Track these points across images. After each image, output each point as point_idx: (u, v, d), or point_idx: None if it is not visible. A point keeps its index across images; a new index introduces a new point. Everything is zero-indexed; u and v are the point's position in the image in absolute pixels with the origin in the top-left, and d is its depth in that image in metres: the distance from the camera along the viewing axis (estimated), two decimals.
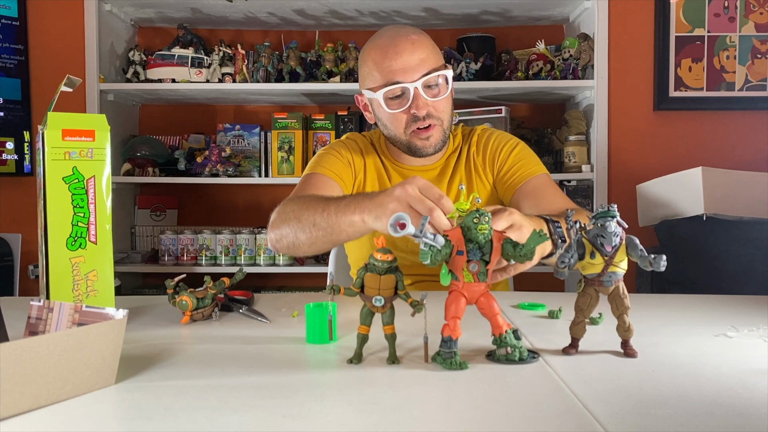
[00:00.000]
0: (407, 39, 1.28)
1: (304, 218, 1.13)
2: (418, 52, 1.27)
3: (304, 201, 1.17)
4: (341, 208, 1.05)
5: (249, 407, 0.63)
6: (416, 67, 1.26)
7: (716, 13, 2.53)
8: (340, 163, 1.39)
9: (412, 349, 0.82)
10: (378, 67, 1.29)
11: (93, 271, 0.91)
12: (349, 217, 1.03)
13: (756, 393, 0.66)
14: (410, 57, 1.26)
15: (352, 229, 1.04)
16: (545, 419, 0.60)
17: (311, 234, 1.12)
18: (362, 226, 1.01)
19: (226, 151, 2.61)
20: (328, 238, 1.10)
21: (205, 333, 0.95)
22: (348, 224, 1.04)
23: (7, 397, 0.60)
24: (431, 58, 1.29)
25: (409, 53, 1.27)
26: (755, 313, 1.04)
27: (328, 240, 1.11)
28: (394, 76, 1.26)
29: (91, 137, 0.90)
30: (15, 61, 2.60)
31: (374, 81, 1.30)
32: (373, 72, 1.30)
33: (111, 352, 0.68)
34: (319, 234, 1.11)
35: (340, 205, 1.07)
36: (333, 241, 1.12)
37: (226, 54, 2.57)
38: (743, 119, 2.56)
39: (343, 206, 1.05)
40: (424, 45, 1.30)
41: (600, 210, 0.78)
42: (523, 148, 1.41)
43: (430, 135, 1.31)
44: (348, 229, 1.05)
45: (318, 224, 1.10)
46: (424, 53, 1.28)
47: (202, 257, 2.59)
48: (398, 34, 1.30)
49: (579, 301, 0.81)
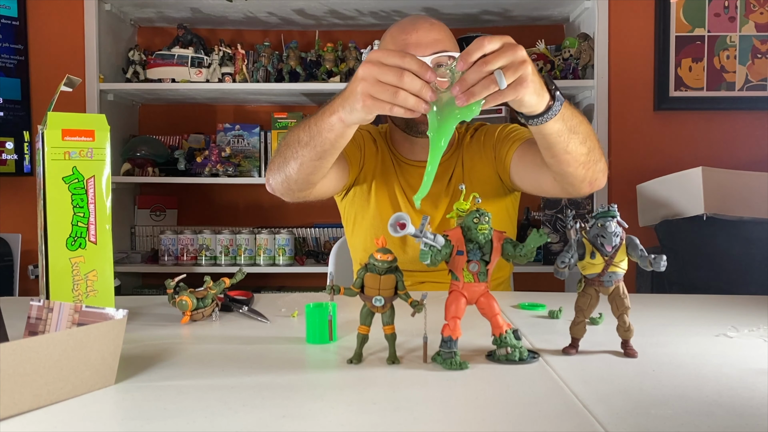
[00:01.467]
0: (427, 20, 1.31)
1: (290, 140, 1.13)
2: (434, 32, 1.29)
3: (290, 130, 1.17)
4: (319, 117, 1.04)
5: (249, 407, 0.63)
6: (430, 44, 1.27)
7: (716, 12, 2.53)
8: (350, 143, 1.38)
9: (412, 349, 0.82)
10: (393, 39, 1.30)
11: (93, 271, 0.91)
12: (327, 121, 1.01)
13: (756, 393, 0.66)
14: (426, 34, 1.27)
15: (332, 133, 1.02)
16: (545, 419, 0.60)
17: (297, 154, 1.11)
18: (341, 125, 0.99)
19: (226, 151, 2.61)
20: (313, 151, 1.08)
21: (205, 333, 0.95)
22: (328, 129, 1.01)
23: (7, 397, 0.60)
24: (447, 41, 1.30)
25: (426, 30, 1.28)
26: (755, 313, 1.04)
27: (314, 155, 1.08)
28: (407, 48, 1.26)
29: (90, 137, 0.90)
30: (15, 60, 2.60)
31: None
32: (387, 45, 1.32)
33: (111, 352, 0.68)
34: (304, 151, 1.09)
35: (317, 113, 1.05)
36: (319, 154, 1.08)
37: (225, 54, 2.57)
38: (744, 119, 2.56)
39: (320, 113, 1.03)
40: (443, 29, 1.31)
41: (600, 210, 0.78)
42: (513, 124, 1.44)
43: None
44: (328, 134, 1.02)
45: (302, 140, 1.09)
46: (440, 35, 1.29)
47: (202, 257, 2.59)
48: (419, 16, 1.33)
49: (579, 301, 0.80)
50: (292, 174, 1.16)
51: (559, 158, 1.07)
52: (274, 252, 2.58)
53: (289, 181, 1.19)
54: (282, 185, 1.22)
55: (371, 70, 0.86)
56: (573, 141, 1.04)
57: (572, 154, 1.06)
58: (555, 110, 0.95)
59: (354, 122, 0.97)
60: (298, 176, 1.16)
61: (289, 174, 1.17)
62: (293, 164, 1.14)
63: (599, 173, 1.15)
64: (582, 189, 1.17)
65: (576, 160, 1.08)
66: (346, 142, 1.05)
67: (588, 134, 1.08)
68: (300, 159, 1.12)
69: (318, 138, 1.05)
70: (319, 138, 1.04)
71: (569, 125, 1.01)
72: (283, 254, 2.57)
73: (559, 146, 1.04)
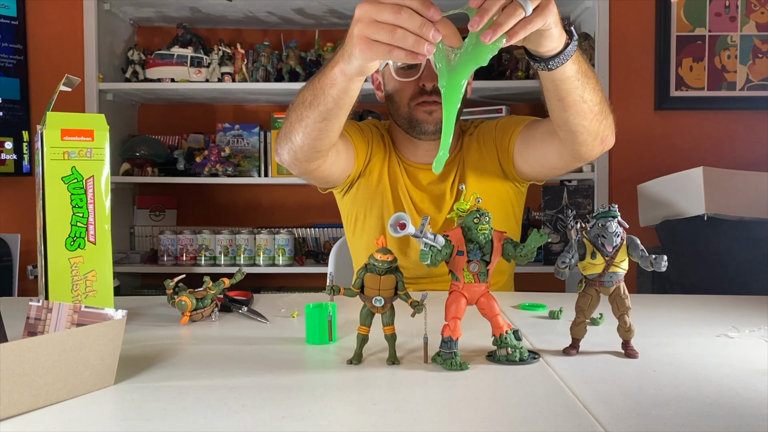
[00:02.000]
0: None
1: (296, 103, 1.08)
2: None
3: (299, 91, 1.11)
4: (321, 72, 0.99)
5: (248, 408, 0.62)
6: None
7: (717, 12, 2.53)
8: (359, 134, 1.37)
9: (412, 350, 0.82)
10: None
11: (92, 271, 0.90)
12: (329, 75, 0.95)
13: (757, 393, 0.66)
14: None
15: (335, 89, 0.96)
16: (545, 420, 0.60)
17: (303, 116, 1.06)
18: (343, 78, 0.93)
19: (225, 150, 2.61)
20: (318, 111, 1.02)
21: (204, 333, 0.95)
22: (330, 84, 0.96)
23: (7, 398, 0.59)
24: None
25: None
26: (756, 314, 1.04)
27: (319, 115, 1.03)
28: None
29: (90, 137, 0.90)
30: (14, 60, 2.60)
31: None
32: None
33: (110, 353, 0.68)
34: (310, 113, 1.04)
35: (319, 71, 1.01)
36: (324, 114, 1.03)
37: (225, 53, 2.56)
38: (744, 119, 2.56)
39: (322, 70, 0.99)
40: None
41: (601, 210, 0.78)
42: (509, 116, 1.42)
43: (434, 110, 1.29)
44: (331, 90, 0.97)
45: (306, 100, 1.04)
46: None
47: (202, 257, 2.59)
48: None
49: (580, 302, 0.80)
50: (297, 140, 1.11)
51: (576, 108, 1.02)
52: (273, 252, 2.58)
53: (295, 149, 1.14)
54: (289, 154, 1.17)
55: (367, 9, 0.79)
56: (588, 86, 0.99)
57: (588, 103, 1.01)
58: (572, 47, 0.89)
59: (354, 72, 0.90)
60: (303, 141, 1.11)
61: (295, 140, 1.12)
62: (298, 129, 1.09)
63: (608, 129, 1.11)
64: (594, 148, 1.12)
65: (591, 110, 1.03)
66: (351, 101, 1.00)
67: (597, 81, 1.03)
68: (304, 121, 1.07)
69: (321, 96, 1.00)
70: (322, 96, 0.99)
71: (583, 69, 0.97)
72: (282, 254, 2.57)
73: (575, 93, 0.99)
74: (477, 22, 0.75)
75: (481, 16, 0.75)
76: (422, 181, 1.39)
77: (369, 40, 0.80)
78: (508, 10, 0.75)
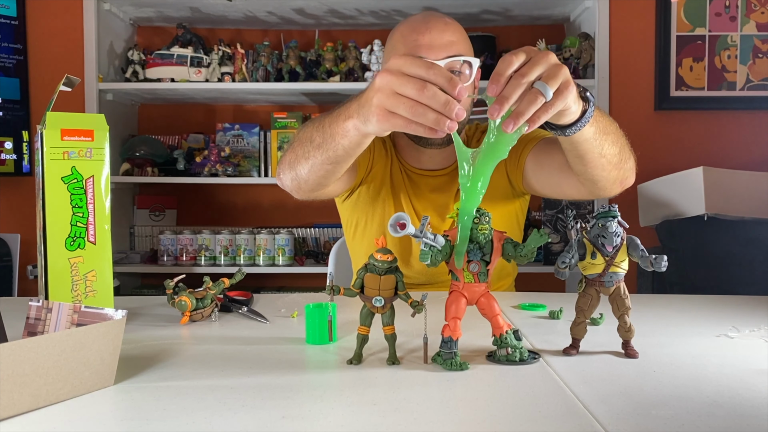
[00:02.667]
0: (441, 20, 1.23)
1: (304, 138, 1.05)
2: (448, 33, 1.20)
3: (305, 126, 1.09)
4: (334, 118, 0.95)
5: (248, 408, 0.62)
6: (444, 46, 1.19)
7: (717, 12, 2.53)
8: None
9: (412, 350, 0.82)
10: (404, 39, 1.21)
11: (92, 271, 0.90)
12: (342, 126, 0.91)
13: (757, 393, 0.66)
14: (440, 35, 1.19)
15: (347, 139, 0.93)
16: (545, 420, 0.60)
17: (309, 154, 1.04)
18: (356, 133, 0.90)
19: (225, 150, 2.61)
20: (326, 155, 0.99)
21: (204, 333, 0.95)
22: (342, 134, 0.93)
23: (6, 398, 0.59)
24: (461, 43, 1.22)
25: (439, 32, 1.19)
26: (756, 314, 1.04)
27: (326, 158, 1.00)
28: (419, 50, 1.18)
29: (89, 137, 0.90)
30: (14, 60, 2.59)
31: (396, 53, 1.23)
32: (397, 45, 1.23)
33: (110, 353, 0.68)
34: (317, 153, 1.01)
35: (332, 114, 0.96)
36: (332, 158, 1.00)
37: (225, 53, 2.56)
38: (744, 119, 2.56)
39: (335, 115, 0.95)
40: (457, 30, 1.23)
41: (601, 210, 0.78)
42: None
43: None
44: (343, 140, 0.94)
45: (315, 141, 1.01)
46: (454, 36, 1.21)
47: (202, 257, 2.59)
48: (433, 15, 1.25)
49: (580, 302, 0.80)
50: (302, 174, 1.10)
51: (594, 163, 1.01)
52: (273, 252, 2.58)
53: (299, 180, 1.13)
54: (292, 183, 1.16)
55: (389, 80, 0.76)
56: (606, 143, 0.98)
57: (607, 157, 1.00)
58: (590, 113, 0.86)
59: (370, 133, 0.88)
60: (309, 177, 1.09)
61: (299, 173, 1.11)
62: (304, 164, 1.07)
63: (629, 171, 1.10)
64: (613, 190, 1.12)
65: (609, 163, 1.02)
66: (361, 150, 0.98)
67: (617, 132, 1.02)
68: (312, 160, 1.04)
69: (331, 142, 0.97)
70: (332, 142, 0.96)
71: (601, 126, 0.95)
72: (282, 254, 2.57)
73: (594, 152, 0.97)
74: (497, 110, 0.72)
75: (501, 104, 0.71)
76: (424, 188, 1.36)
77: (387, 111, 0.78)
78: (529, 97, 0.72)
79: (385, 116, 0.78)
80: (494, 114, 0.71)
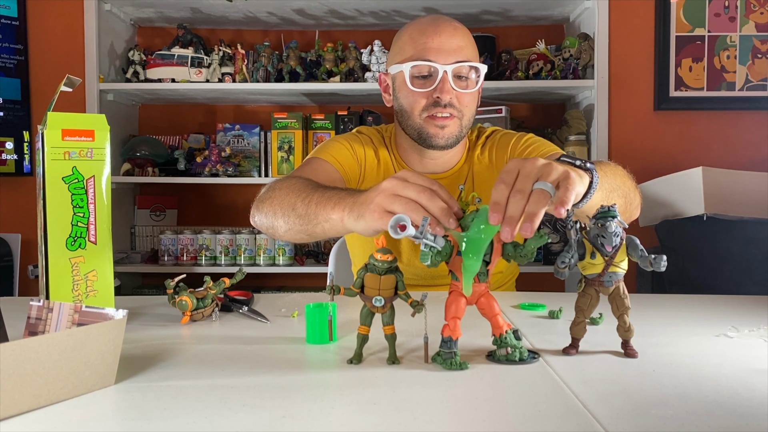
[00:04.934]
0: (450, 24, 1.24)
1: (286, 200, 1.06)
2: (458, 38, 1.23)
3: (293, 182, 1.09)
4: (323, 200, 0.96)
5: (249, 408, 0.63)
6: (453, 51, 1.21)
7: (716, 12, 2.53)
8: (348, 154, 1.31)
9: (412, 350, 0.82)
10: (413, 41, 1.23)
11: (93, 271, 0.91)
12: (328, 213, 0.94)
13: (756, 393, 0.66)
14: (449, 40, 1.21)
15: (329, 225, 0.95)
16: (545, 419, 0.60)
17: (288, 219, 1.04)
18: (339, 225, 0.92)
19: (225, 151, 2.61)
20: (304, 227, 1.01)
21: (204, 333, 0.95)
22: (325, 219, 0.95)
23: (7, 398, 0.59)
24: (469, 48, 1.25)
25: (449, 36, 1.22)
26: (756, 313, 1.04)
27: (303, 230, 1.02)
28: (428, 53, 1.21)
29: (90, 137, 0.90)
30: (15, 60, 2.60)
31: (404, 54, 1.24)
32: (405, 47, 1.25)
33: (111, 353, 0.68)
34: (296, 222, 1.03)
35: (323, 195, 0.97)
36: (309, 232, 1.02)
37: (225, 54, 2.57)
38: (744, 119, 2.55)
39: (326, 198, 0.96)
40: (466, 35, 1.26)
41: (600, 210, 0.78)
42: (532, 136, 1.36)
43: (447, 125, 1.24)
44: (324, 224, 0.96)
45: (297, 210, 1.02)
46: (463, 42, 1.23)
47: (202, 257, 2.59)
48: (442, 18, 1.26)
49: (579, 302, 0.80)
50: (278, 231, 1.10)
51: None
52: (273, 252, 2.58)
53: (274, 233, 1.13)
54: (267, 231, 1.15)
55: (394, 185, 0.80)
56: (613, 197, 0.98)
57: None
58: (596, 182, 0.86)
59: (354, 230, 0.89)
60: (284, 236, 1.10)
61: (276, 229, 1.10)
62: (282, 224, 1.07)
63: (635, 210, 1.12)
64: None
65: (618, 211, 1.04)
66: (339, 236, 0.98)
67: (623, 183, 1.03)
68: (289, 225, 1.05)
69: (313, 220, 0.98)
70: (314, 220, 0.98)
71: (607, 186, 0.95)
72: (282, 254, 2.57)
73: None
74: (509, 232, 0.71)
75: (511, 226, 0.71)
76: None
77: (384, 210, 0.80)
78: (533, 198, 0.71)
79: (380, 214, 0.80)
80: (507, 237, 0.71)
